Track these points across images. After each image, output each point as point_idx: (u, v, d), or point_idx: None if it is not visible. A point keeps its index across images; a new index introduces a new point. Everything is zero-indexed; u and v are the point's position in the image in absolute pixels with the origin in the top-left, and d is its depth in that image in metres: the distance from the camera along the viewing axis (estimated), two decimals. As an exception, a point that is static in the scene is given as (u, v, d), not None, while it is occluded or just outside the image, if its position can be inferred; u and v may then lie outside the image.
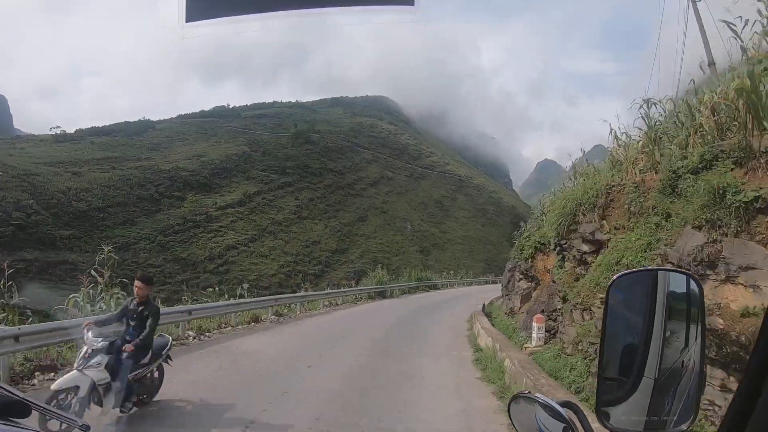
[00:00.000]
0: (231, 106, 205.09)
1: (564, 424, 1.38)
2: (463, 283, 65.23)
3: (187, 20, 1.65)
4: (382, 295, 39.14)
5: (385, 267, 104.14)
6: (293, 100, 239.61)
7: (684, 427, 1.33)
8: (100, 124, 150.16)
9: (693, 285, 1.50)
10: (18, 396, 1.16)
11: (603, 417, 1.37)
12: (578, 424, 1.36)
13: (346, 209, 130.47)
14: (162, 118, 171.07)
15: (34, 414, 1.26)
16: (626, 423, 1.36)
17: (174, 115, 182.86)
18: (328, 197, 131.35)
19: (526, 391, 1.65)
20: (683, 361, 1.39)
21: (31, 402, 1.20)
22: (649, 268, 2.24)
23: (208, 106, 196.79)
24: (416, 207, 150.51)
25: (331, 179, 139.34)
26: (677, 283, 1.55)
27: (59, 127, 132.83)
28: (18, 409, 1.12)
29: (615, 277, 1.55)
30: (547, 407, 1.45)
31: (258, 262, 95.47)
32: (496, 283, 61.71)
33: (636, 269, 1.55)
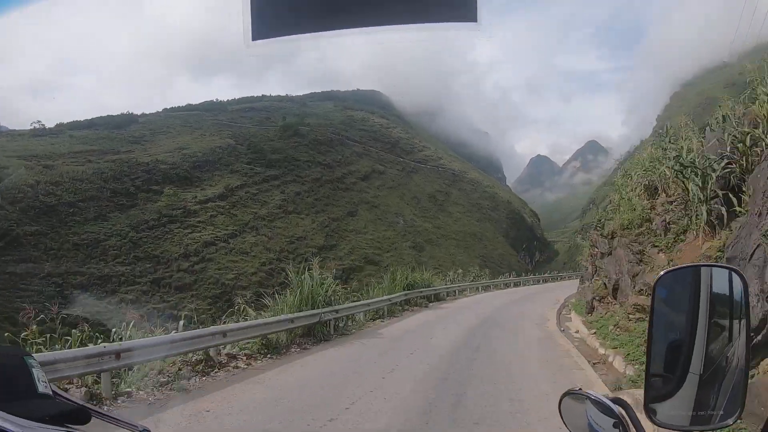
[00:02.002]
0: (219, 100, 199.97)
1: (614, 420, 1.40)
2: (477, 288, 43.77)
3: (254, 38, 1.84)
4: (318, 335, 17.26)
5: (377, 264, 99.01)
6: (283, 94, 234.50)
7: (730, 421, 1.37)
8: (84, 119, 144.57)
9: (736, 280, 1.50)
10: (77, 403, 1.21)
11: (651, 413, 1.39)
12: (628, 420, 1.38)
13: (335, 203, 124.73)
14: (147, 112, 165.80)
15: (95, 421, 1.29)
16: (673, 418, 1.39)
17: (160, 109, 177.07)
18: (316, 191, 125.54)
19: (578, 388, 1.67)
20: (727, 357, 1.40)
21: (90, 408, 1.24)
22: (693, 264, 1.93)
23: (198, 102, 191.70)
24: (409, 202, 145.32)
25: (320, 172, 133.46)
26: (720, 278, 1.53)
27: (39, 121, 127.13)
28: (78, 416, 1.16)
29: (660, 274, 1.58)
30: (597, 403, 1.48)
31: (237, 259, 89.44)
32: (529, 282, 56.62)
33: (680, 266, 1.30)
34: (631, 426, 1.38)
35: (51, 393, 1.18)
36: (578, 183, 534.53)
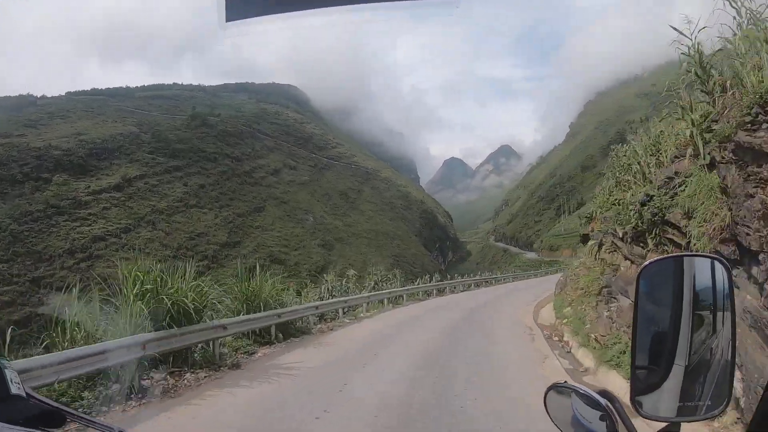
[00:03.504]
0: (127, 87, 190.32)
1: (601, 413, 1.42)
2: (391, 301, 26.55)
3: (228, 20, 1.91)
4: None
5: (283, 263, 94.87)
6: (196, 84, 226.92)
7: (716, 412, 1.39)
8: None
9: (720, 269, 1.51)
10: (52, 405, 1.21)
11: (637, 405, 1.41)
12: (615, 413, 1.39)
13: (242, 198, 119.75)
14: (47, 95, 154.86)
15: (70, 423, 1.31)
16: (659, 410, 1.41)
17: (63, 92, 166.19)
18: (221, 184, 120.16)
19: (563, 381, 1.67)
20: (712, 348, 1.42)
21: (65, 410, 1.24)
22: (675, 254, 2.11)
23: (106, 86, 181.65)
24: (319, 198, 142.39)
25: (227, 165, 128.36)
26: (703, 267, 1.55)
27: None
28: (53, 419, 1.16)
29: (643, 265, 1.59)
30: (583, 396, 1.50)
31: (129, 256, 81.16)
32: (460, 287, 38.99)
33: (663, 256, 1.34)
34: (617, 418, 1.38)
35: (24, 395, 1.17)
36: (490, 186, 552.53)
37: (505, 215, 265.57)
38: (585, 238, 20.51)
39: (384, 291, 26.45)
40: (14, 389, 1.10)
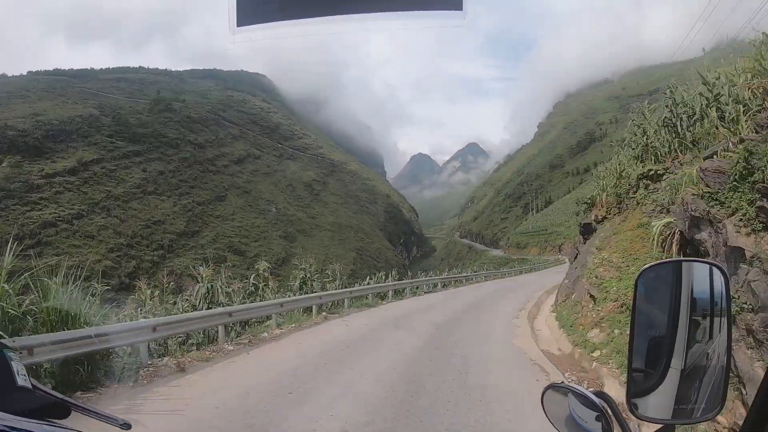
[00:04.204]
0: (91, 68, 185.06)
1: (597, 413, 1.44)
2: (323, 309, 18.33)
3: (239, 25, 2.02)
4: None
5: (242, 254, 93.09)
6: (162, 68, 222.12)
7: (710, 415, 1.41)
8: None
9: (717, 275, 1.53)
10: (57, 396, 1.23)
11: (632, 407, 1.43)
12: (611, 413, 1.42)
13: (203, 186, 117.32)
14: (7, 73, 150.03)
15: (75, 414, 1.31)
16: (655, 412, 1.43)
17: (24, 72, 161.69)
18: (182, 171, 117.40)
19: (560, 381, 1.70)
20: (708, 354, 1.43)
21: (70, 402, 1.26)
22: (674, 259, 2.22)
23: (70, 67, 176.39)
24: (283, 189, 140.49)
25: (190, 152, 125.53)
26: (701, 273, 1.57)
27: None
28: (58, 410, 1.17)
29: (642, 269, 1.60)
30: (580, 396, 1.52)
31: (81, 244, 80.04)
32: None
33: (662, 261, 1.38)
34: (613, 419, 1.41)
35: (30, 386, 1.19)
36: (457, 182, 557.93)
37: (470, 212, 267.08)
38: (587, 229, 17.42)
39: (311, 295, 17.47)
40: (20, 381, 1.12)
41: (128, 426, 1.35)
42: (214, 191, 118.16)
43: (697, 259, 1.42)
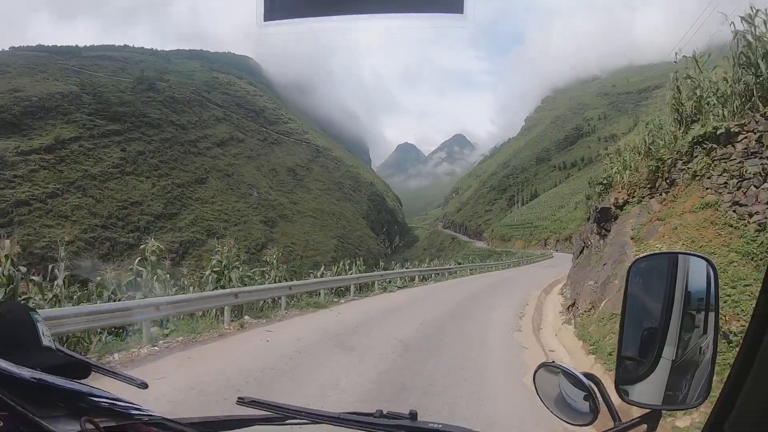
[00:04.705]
0: (76, 46, 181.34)
1: (585, 393, 1.48)
2: (238, 313, 13.69)
3: (266, 20, 2.09)
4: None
5: (222, 238, 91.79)
6: (148, 47, 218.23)
7: (696, 403, 1.42)
8: None
9: (709, 270, 1.54)
10: (78, 357, 1.27)
11: (622, 393, 1.46)
12: (597, 393, 1.46)
13: (184, 168, 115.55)
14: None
15: (94, 375, 1.35)
16: (644, 398, 1.45)
17: (6, 47, 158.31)
18: (163, 152, 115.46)
19: (551, 361, 1.73)
20: (701, 348, 1.45)
21: (90, 362, 1.31)
22: (670, 251, 2.26)
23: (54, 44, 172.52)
24: (266, 174, 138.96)
25: (171, 133, 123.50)
26: (695, 267, 1.57)
27: None
28: (79, 370, 1.21)
29: (636, 258, 1.64)
30: (570, 376, 1.56)
31: (53, 224, 77.73)
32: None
33: (657, 252, 1.45)
34: (599, 398, 1.45)
35: (54, 347, 1.25)
36: (442, 173, 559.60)
37: (455, 203, 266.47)
38: (604, 215, 13.69)
39: (221, 292, 12.38)
40: (45, 341, 1.20)
41: (145, 385, 1.40)
42: (195, 173, 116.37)
43: (692, 252, 1.55)
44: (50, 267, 11.41)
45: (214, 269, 14.66)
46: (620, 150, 15.66)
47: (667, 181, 11.43)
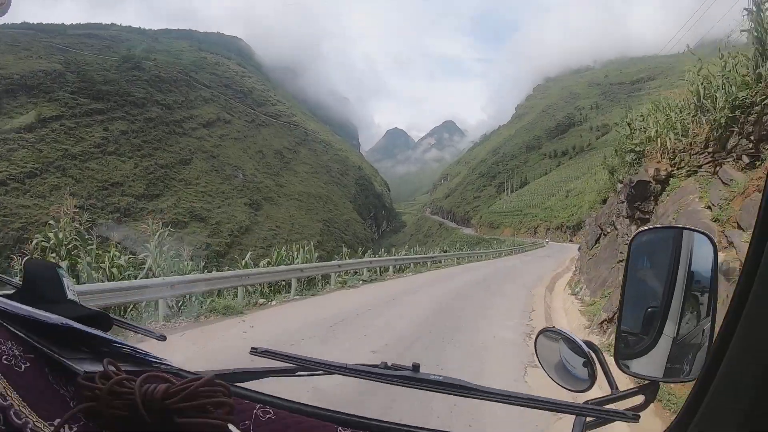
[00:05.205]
0: (62, 24, 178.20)
1: (584, 359, 1.52)
2: None
3: None
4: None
5: (204, 220, 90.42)
6: (136, 26, 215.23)
7: (692, 376, 1.38)
8: None
9: (711, 247, 1.48)
10: (100, 311, 1.32)
11: (622, 366, 1.46)
12: (595, 359, 1.49)
13: (168, 148, 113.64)
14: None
15: (115, 329, 1.41)
16: (644, 371, 1.44)
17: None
18: (147, 132, 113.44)
19: (552, 327, 1.72)
20: (704, 329, 1.41)
21: (111, 316, 1.36)
22: (673, 225, 2.34)
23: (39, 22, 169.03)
24: (252, 155, 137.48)
25: (156, 112, 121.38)
26: (702, 244, 1.53)
27: None
28: (101, 323, 1.27)
29: (638, 231, 1.59)
30: (570, 341, 1.59)
31: (31, 204, 75.73)
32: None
33: (660, 226, 1.39)
34: (597, 364, 1.47)
35: (78, 300, 1.32)
36: (431, 159, 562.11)
37: (443, 189, 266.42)
38: (640, 191, 10.86)
39: None
40: (70, 295, 1.28)
41: (163, 338, 1.47)
42: (179, 154, 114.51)
43: (694, 228, 1.48)
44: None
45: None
46: (660, 105, 12.58)
47: (752, 138, 8.17)
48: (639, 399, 1.40)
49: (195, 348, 8.62)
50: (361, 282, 18.54)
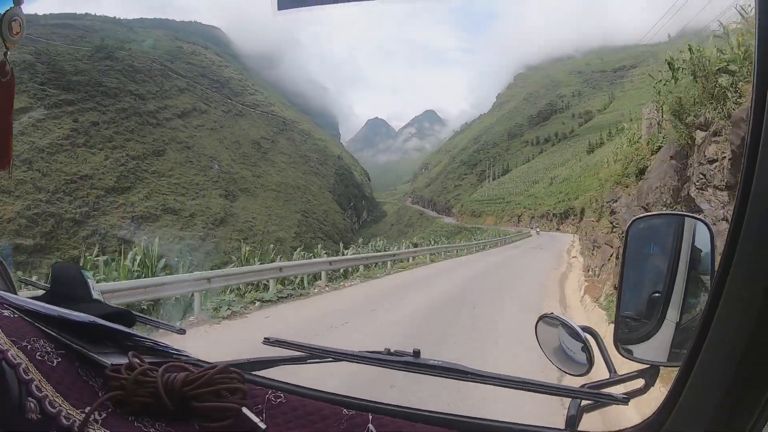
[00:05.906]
0: (34, 14, 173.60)
1: (582, 344, 1.53)
2: None
3: (279, 8, 2.02)
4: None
5: (177, 213, 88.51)
6: (111, 16, 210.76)
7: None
8: None
9: (708, 233, 1.49)
10: (123, 309, 1.38)
11: (623, 351, 1.46)
12: (593, 345, 1.50)
13: (140, 140, 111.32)
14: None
15: (138, 325, 1.48)
16: (644, 356, 1.44)
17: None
18: (118, 123, 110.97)
19: (551, 313, 1.75)
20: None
21: (134, 313, 1.43)
22: (673, 213, 2.49)
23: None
24: (229, 146, 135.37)
25: (129, 103, 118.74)
26: (703, 230, 1.52)
27: None
28: (124, 320, 1.33)
29: (634, 218, 1.60)
30: (568, 327, 1.60)
31: (-8, 198, 73.98)
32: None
33: (658, 213, 1.41)
34: (595, 350, 1.49)
35: (102, 300, 1.40)
36: (411, 148, 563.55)
37: (424, 178, 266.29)
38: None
39: None
40: (95, 294, 1.36)
41: (183, 331, 1.54)
42: (152, 145, 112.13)
43: (693, 214, 1.53)
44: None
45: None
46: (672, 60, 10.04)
47: None
48: (639, 383, 1.42)
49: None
50: (275, 297, 12.95)
